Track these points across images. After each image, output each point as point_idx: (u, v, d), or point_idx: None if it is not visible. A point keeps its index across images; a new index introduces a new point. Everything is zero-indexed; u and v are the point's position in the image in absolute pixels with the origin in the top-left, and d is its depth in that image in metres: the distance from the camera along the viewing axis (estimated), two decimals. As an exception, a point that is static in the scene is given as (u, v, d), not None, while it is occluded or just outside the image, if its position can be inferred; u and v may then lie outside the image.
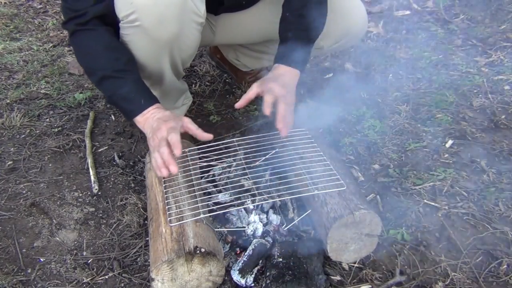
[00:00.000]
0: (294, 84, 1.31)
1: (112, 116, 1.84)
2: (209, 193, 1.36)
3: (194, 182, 1.25)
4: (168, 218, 1.12)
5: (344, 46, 1.68)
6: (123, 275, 1.21)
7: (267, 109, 1.22)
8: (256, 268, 1.18)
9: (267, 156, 1.37)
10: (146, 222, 1.35)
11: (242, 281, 1.16)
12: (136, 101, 1.21)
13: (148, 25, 1.17)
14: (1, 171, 1.55)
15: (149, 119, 1.20)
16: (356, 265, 1.22)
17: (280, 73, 1.30)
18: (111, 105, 1.28)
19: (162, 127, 1.14)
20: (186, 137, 1.58)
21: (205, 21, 1.58)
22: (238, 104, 1.30)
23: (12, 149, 1.65)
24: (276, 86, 1.25)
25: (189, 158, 1.33)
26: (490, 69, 2.06)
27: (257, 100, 1.92)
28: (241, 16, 1.62)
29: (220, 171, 1.43)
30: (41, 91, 1.99)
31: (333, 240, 1.17)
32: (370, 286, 1.17)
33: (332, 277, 1.19)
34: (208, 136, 1.19)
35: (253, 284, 1.16)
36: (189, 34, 1.27)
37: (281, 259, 1.17)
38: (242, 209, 1.30)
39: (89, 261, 1.25)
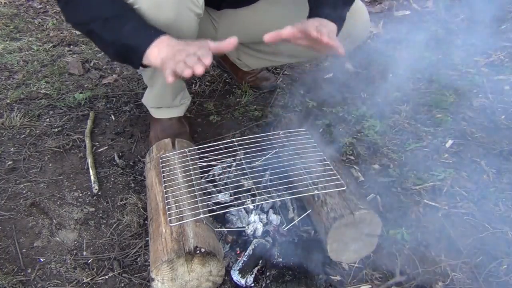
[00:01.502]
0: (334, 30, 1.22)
1: (112, 116, 1.84)
2: (209, 193, 1.36)
3: (194, 182, 1.25)
4: (168, 218, 1.12)
5: (347, 48, 1.67)
6: (123, 275, 1.21)
7: (313, 33, 1.11)
8: (256, 268, 1.18)
9: (267, 156, 1.37)
10: (146, 222, 1.35)
11: (242, 281, 1.16)
12: (145, 33, 1.12)
13: (146, 8, 1.16)
14: (1, 171, 1.55)
15: (164, 47, 1.08)
16: (356, 265, 1.22)
17: (316, 19, 1.21)
18: (117, 55, 1.19)
19: (188, 47, 1.04)
20: (186, 137, 1.58)
21: (208, 16, 1.58)
22: (268, 37, 1.18)
23: (12, 149, 1.65)
24: (314, 20, 1.17)
25: (189, 158, 1.33)
26: (490, 69, 2.06)
27: (257, 100, 1.93)
28: (244, 12, 1.61)
29: (220, 171, 1.43)
30: (41, 91, 1.99)
31: (333, 240, 1.17)
32: (370, 286, 1.17)
33: (332, 277, 1.19)
34: (233, 41, 1.11)
35: (253, 284, 1.16)
36: (186, 22, 1.26)
37: (281, 259, 1.17)
38: (242, 209, 1.30)
39: (89, 261, 1.25)
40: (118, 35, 1.13)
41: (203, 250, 1.05)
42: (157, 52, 1.09)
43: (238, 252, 1.23)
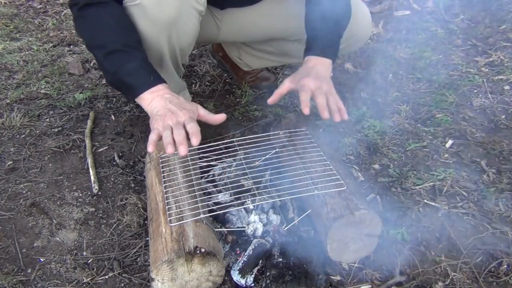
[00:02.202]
0: (328, 74, 1.27)
1: (112, 116, 1.84)
2: (209, 193, 1.36)
3: (194, 182, 1.25)
4: (168, 218, 1.12)
5: (346, 50, 1.67)
6: (123, 275, 1.21)
7: (305, 109, 1.17)
8: (256, 268, 1.18)
9: (267, 156, 1.37)
10: (146, 222, 1.35)
11: (242, 281, 1.16)
12: (145, 77, 1.15)
13: (147, 5, 1.16)
14: (1, 171, 1.55)
15: (158, 98, 1.12)
16: (356, 265, 1.22)
17: (312, 66, 1.27)
18: (113, 84, 1.21)
19: (179, 113, 1.08)
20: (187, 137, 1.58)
21: (210, 15, 1.58)
22: (271, 100, 1.27)
23: (12, 149, 1.65)
24: (310, 81, 1.21)
25: (189, 158, 1.33)
26: (490, 69, 2.07)
27: (257, 100, 1.93)
28: (247, 12, 1.61)
29: (220, 171, 1.43)
30: (41, 91, 1.99)
31: (333, 240, 1.17)
32: (370, 286, 1.17)
33: (332, 277, 1.19)
34: (222, 117, 1.14)
35: (253, 284, 1.16)
36: (187, 20, 1.27)
37: (281, 259, 1.17)
38: (242, 209, 1.30)
39: (89, 261, 1.25)
40: (119, 70, 1.15)
41: (203, 250, 1.05)
42: (150, 100, 1.12)
43: (238, 252, 1.23)
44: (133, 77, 1.15)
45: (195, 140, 1.03)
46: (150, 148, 1.06)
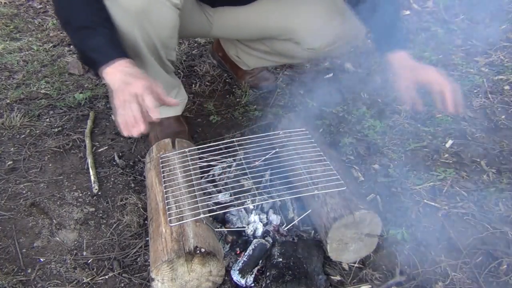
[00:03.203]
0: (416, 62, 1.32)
1: (112, 116, 1.84)
2: (209, 193, 1.36)
3: (194, 182, 1.25)
4: (168, 218, 1.12)
5: (339, 50, 1.67)
6: (123, 275, 1.21)
7: (450, 107, 1.24)
8: (256, 268, 1.18)
9: (267, 156, 1.37)
10: (146, 222, 1.35)
11: (242, 281, 1.16)
12: (108, 52, 1.15)
13: None
14: (1, 171, 1.55)
15: (119, 72, 1.11)
16: (356, 265, 1.22)
17: (405, 63, 1.30)
18: (82, 60, 1.21)
19: (134, 82, 1.06)
20: (186, 137, 1.58)
21: (202, 11, 1.59)
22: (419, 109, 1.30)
23: (12, 149, 1.65)
24: (428, 75, 1.27)
25: (189, 158, 1.33)
26: (490, 69, 2.07)
27: (257, 100, 1.93)
28: (238, 11, 1.61)
29: (220, 171, 1.43)
30: (41, 91, 1.99)
31: (333, 240, 1.17)
32: (370, 286, 1.17)
33: (332, 277, 1.19)
34: (175, 102, 1.15)
35: (253, 284, 1.16)
36: (160, 11, 1.26)
37: (281, 259, 1.17)
38: (242, 209, 1.30)
39: (89, 261, 1.25)
40: (84, 46, 1.17)
41: (203, 250, 1.05)
42: (110, 75, 1.13)
43: (238, 252, 1.23)
44: (96, 52, 1.15)
45: (154, 114, 1.03)
46: (125, 133, 1.06)
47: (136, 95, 1.04)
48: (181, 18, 1.35)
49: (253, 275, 1.17)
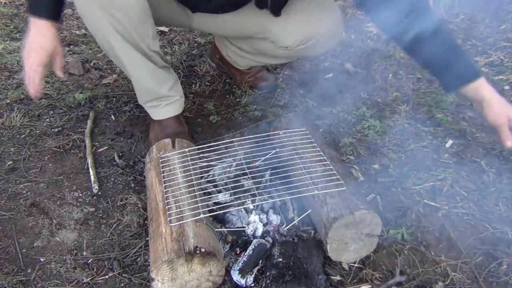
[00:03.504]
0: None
1: (112, 116, 1.84)
2: (209, 193, 1.36)
3: (194, 182, 1.25)
4: (168, 218, 1.12)
5: (315, 50, 1.65)
6: (123, 275, 1.21)
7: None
8: (256, 268, 1.18)
9: (267, 156, 1.37)
10: (146, 222, 1.35)
11: (242, 281, 1.16)
12: (41, 5, 1.28)
13: None
14: (1, 171, 1.55)
15: (35, 32, 1.29)
16: (356, 265, 1.23)
17: (483, 95, 1.19)
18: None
19: (33, 56, 1.30)
20: (186, 137, 1.58)
21: (182, 9, 1.62)
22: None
23: (12, 149, 1.65)
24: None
25: (189, 158, 1.33)
26: (490, 69, 2.07)
27: (257, 100, 1.93)
28: (217, 17, 1.64)
29: (220, 171, 1.43)
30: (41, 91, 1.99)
31: (333, 240, 1.17)
32: (370, 286, 1.17)
33: (332, 277, 1.19)
34: (61, 75, 1.40)
35: (253, 284, 1.16)
36: None
37: (281, 259, 1.17)
38: (242, 209, 1.30)
39: (89, 261, 1.25)
40: None
41: (203, 250, 1.05)
42: (30, 31, 1.30)
43: (238, 252, 1.23)
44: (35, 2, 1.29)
45: (33, 92, 1.33)
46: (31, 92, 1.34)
47: (32, 69, 1.30)
48: (156, 4, 1.40)
49: (253, 275, 1.17)
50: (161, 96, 1.57)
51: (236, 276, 1.16)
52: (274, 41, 1.62)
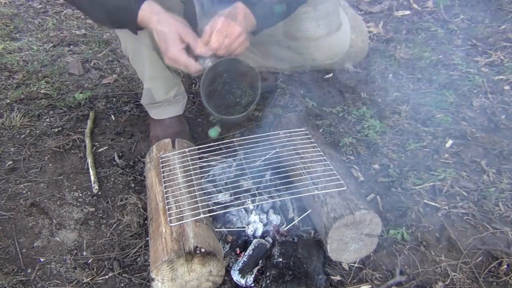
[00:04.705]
0: (242, 20, 1.17)
1: (112, 116, 1.84)
2: (209, 193, 1.36)
3: (194, 182, 1.25)
4: (168, 218, 1.12)
5: (335, 63, 1.69)
6: (123, 275, 1.21)
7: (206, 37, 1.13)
8: (256, 268, 1.18)
9: (267, 156, 1.37)
10: (146, 222, 1.35)
11: (242, 281, 1.16)
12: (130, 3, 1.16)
13: None
14: (1, 171, 1.55)
15: (153, 18, 1.14)
16: (356, 265, 1.23)
17: (234, 11, 1.16)
18: (111, 22, 1.26)
19: (171, 48, 1.13)
20: (187, 136, 1.58)
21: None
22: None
23: (12, 149, 1.65)
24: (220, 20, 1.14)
25: (189, 158, 1.33)
26: (490, 69, 2.07)
27: (258, 100, 1.92)
28: None
29: (220, 171, 1.43)
30: (41, 91, 1.99)
31: (333, 240, 1.17)
32: (370, 286, 1.17)
33: (332, 277, 1.19)
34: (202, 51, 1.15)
35: (253, 284, 1.16)
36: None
37: (281, 259, 1.17)
38: (242, 209, 1.30)
39: (89, 261, 1.25)
40: (110, 4, 1.17)
41: (203, 250, 1.05)
42: (147, 21, 1.14)
43: (238, 252, 1.23)
44: (121, 10, 1.16)
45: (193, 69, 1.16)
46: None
47: (174, 60, 1.14)
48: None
49: (253, 275, 1.16)
50: (166, 101, 1.59)
51: (236, 276, 1.16)
52: (303, 52, 1.57)
